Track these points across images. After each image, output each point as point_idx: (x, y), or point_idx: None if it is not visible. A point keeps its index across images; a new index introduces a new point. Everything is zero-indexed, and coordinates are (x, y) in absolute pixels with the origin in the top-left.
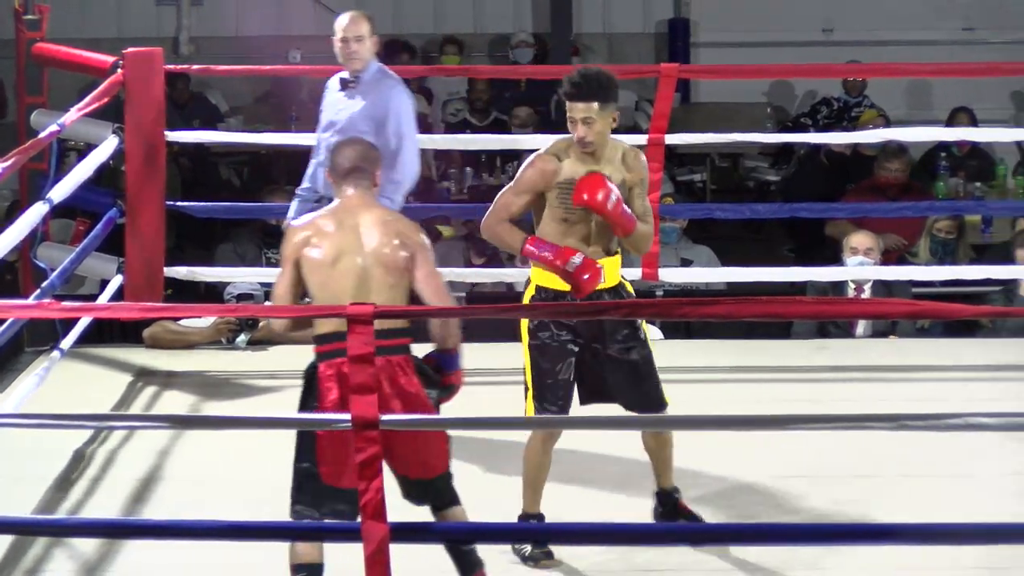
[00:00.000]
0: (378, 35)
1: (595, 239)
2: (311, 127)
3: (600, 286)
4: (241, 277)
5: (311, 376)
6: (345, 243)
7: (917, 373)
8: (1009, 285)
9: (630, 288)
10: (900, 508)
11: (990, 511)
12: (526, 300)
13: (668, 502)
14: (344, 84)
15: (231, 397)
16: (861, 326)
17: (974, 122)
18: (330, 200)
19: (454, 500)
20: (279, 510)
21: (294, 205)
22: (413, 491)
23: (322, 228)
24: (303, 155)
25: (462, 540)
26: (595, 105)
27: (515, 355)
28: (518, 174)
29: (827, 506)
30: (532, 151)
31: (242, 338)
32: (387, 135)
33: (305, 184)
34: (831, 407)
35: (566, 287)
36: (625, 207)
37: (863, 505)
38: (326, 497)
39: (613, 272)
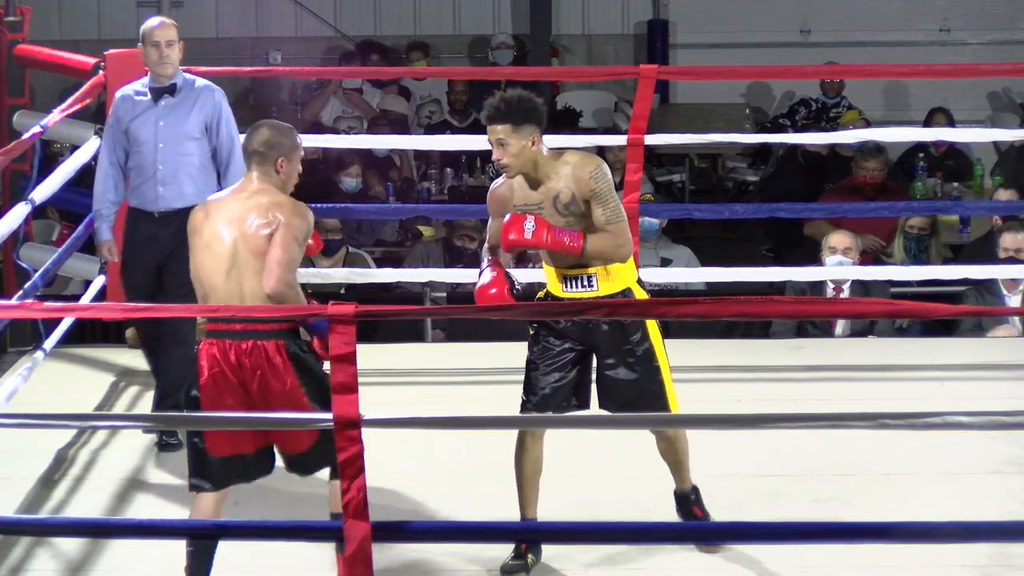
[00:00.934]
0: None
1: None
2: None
3: (589, 294)
4: None
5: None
6: (221, 225)
7: (896, 372)
8: (983, 284)
9: (639, 295)
10: (880, 506)
11: (970, 510)
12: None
13: (683, 504)
14: (157, 93)
15: None
16: (840, 326)
17: (951, 122)
18: (141, 212)
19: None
20: (262, 509)
21: (102, 227)
22: (290, 464)
23: (210, 210)
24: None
25: (442, 539)
26: (508, 127)
27: (495, 354)
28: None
29: (807, 505)
30: None
31: None
32: (220, 140)
33: (102, 207)
34: (810, 406)
35: (559, 292)
36: (556, 232)
37: (843, 504)
38: (213, 467)
39: (607, 282)
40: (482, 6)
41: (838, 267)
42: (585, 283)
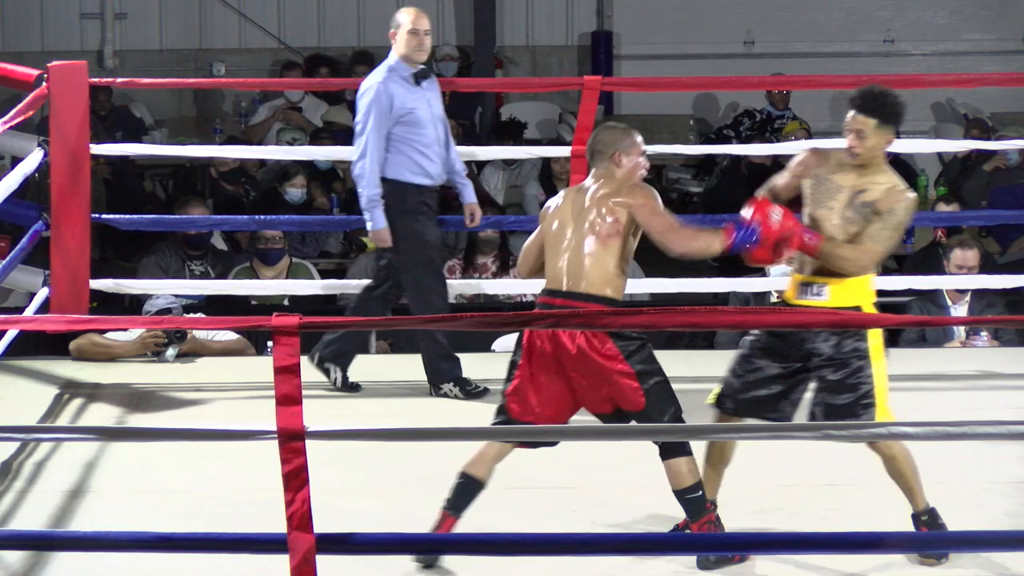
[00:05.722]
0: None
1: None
2: (235, 139)
3: (819, 303)
4: (166, 289)
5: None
6: (566, 215)
7: None
8: (928, 295)
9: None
10: (825, 517)
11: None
12: None
13: (915, 524)
14: (418, 77)
15: (158, 409)
16: None
17: (896, 133)
18: (432, 188)
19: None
20: (205, 521)
21: (379, 212)
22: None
23: (559, 199)
24: (227, 168)
25: (389, 551)
26: (875, 122)
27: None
28: None
29: (750, 516)
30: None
31: (170, 352)
32: (446, 122)
33: (378, 190)
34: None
35: (793, 299)
36: (798, 227)
37: (786, 515)
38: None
39: (839, 296)
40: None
41: (782, 277)
42: (815, 292)
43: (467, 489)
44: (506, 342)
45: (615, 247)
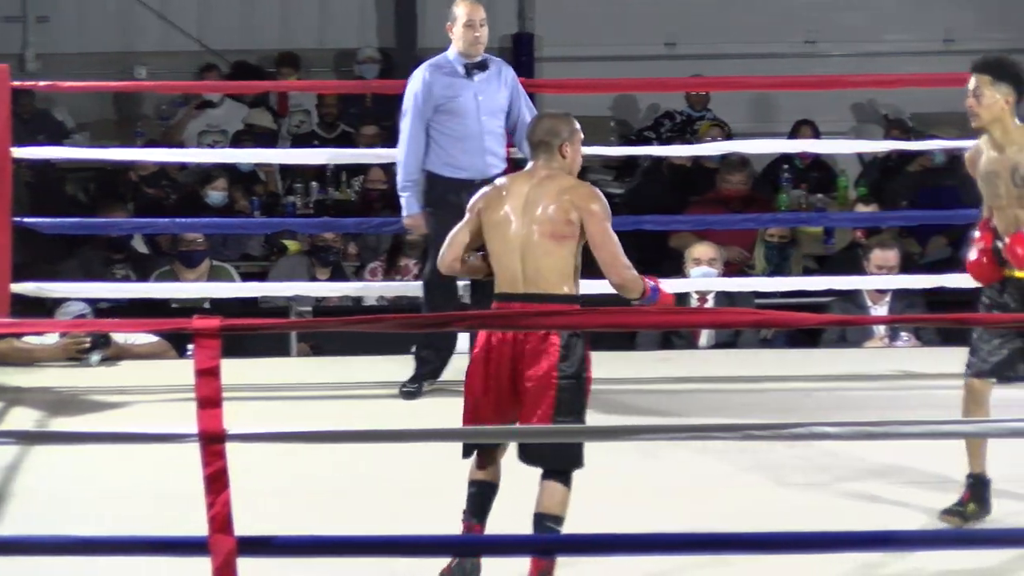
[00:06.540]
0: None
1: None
2: (156, 143)
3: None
4: (88, 293)
5: None
6: (513, 209)
7: (761, 383)
8: (848, 295)
9: None
10: (747, 517)
11: (835, 519)
12: None
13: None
14: (470, 69)
15: (79, 413)
16: (704, 337)
17: (817, 134)
18: (464, 182)
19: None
20: (127, 524)
21: (413, 199)
22: (523, 451)
23: (500, 191)
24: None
25: (310, 554)
26: (987, 78)
27: (362, 368)
28: None
29: (675, 516)
30: (378, 165)
31: (96, 357)
32: (521, 115)
33: (412, 177)
34: (675, 418)
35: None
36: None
37: (718, 517)
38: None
39: None
40: (347, 20)
41: (703, 278)
42: None
43: (481, 495)
44: None
45: (571, 246)
